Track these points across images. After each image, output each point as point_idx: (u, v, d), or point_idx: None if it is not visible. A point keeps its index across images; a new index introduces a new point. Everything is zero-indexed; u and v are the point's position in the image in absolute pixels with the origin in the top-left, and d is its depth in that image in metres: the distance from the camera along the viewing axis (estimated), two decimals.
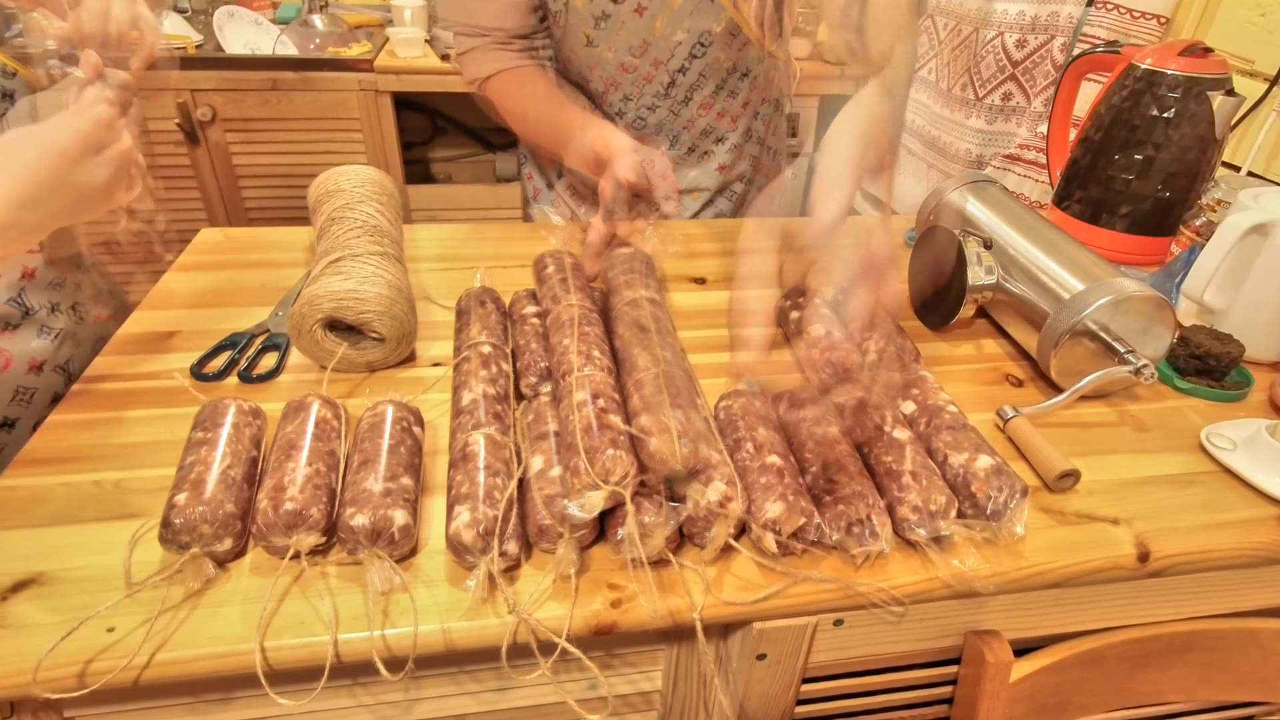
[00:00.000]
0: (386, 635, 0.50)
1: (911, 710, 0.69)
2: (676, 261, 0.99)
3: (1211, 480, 0.67)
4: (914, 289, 0.91)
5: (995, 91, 1.62)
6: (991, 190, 0.92)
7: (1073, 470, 0.63)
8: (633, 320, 0.68)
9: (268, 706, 0.56)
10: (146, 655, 0.48)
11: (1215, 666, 0.70)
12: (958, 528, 0.57)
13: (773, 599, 0.54)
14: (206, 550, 0.52)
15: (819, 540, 0.56)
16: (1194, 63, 0.93)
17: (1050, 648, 0.64)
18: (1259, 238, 0.77)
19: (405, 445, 0.60)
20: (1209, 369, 0.78)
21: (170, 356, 0.76)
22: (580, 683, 0.61)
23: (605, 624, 0.52)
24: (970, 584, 0.55)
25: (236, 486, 0.55)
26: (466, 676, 0.58)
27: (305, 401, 0.62)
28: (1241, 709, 0.78)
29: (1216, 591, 0.67)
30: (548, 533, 0.54)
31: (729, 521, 0.54)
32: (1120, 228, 0.99)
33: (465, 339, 0.72)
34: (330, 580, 0.53)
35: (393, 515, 0.53)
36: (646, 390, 0.59)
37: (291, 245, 1.00)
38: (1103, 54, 1.04)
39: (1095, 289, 0.72)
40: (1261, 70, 1.19)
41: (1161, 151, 0.95)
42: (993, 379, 0.80)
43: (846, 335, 0.70)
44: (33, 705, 0.52)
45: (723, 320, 0.88)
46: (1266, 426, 0.68)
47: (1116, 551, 0.59)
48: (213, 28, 2.02)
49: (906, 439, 0.62)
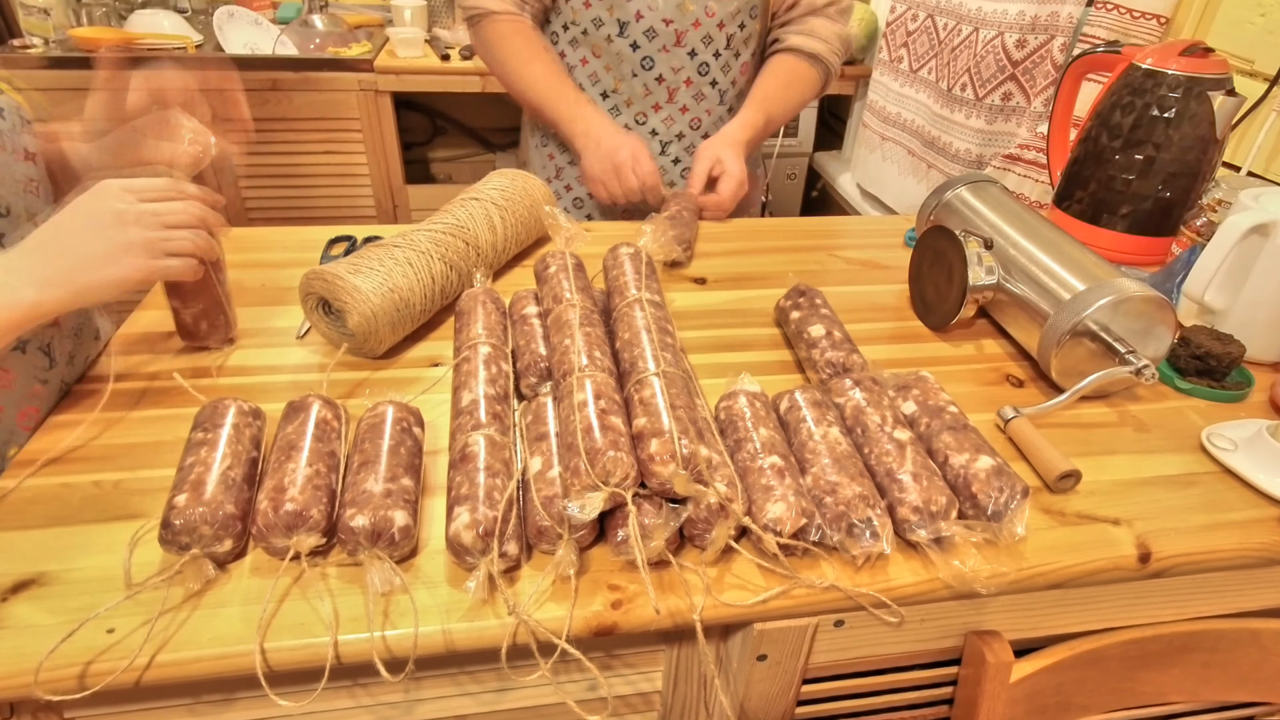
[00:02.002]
0: (387, 636, 0.50)
1: (912, 711, 0.69)
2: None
3: (1212, 481, 0.67)
4: (914, 289, 0.91)
5: (995, 91, 1.62)
6: (992, 190, 0.92)
7: (1073, 471, 0.63)
8: (633, 320, 0.68)
9: (268, 708, 0.56)
10: (147, 656, 0.48)
11: (1216, 667, 0.70)
12: (958, 528, 0.57)
13: (773, 600, 0.54)
14: (206, 551, 0.52)
15: (820, 541, 0.56)
16: (1194, 63, 0.92)
17: (1051, 648, 0.64)
18: (1259, 238, 0.77)
19: (405, 446, 0.60)
20: (1210, 369, 0.78)
21: (170, 357, 0.76)
22: (580, 683, 0.61)
23: (605, 625, 0.52)
24: (971, 585, 0.55)
25: (237, 487, 0.55)
26: (466, 677, 0.58)
27: (305, 402, 0.62)
28: (1242, 709, 0.78)
29: (1217, 592, 0.67)
30: (547, 534, 0.54)
31: (729, 523, 0.54)
32: (1121, 228, 0.99)
33: (465, 339, 0.71)
34: (330, 581, 0.53)
35: (393, 516, 0.53)
36: (647, 391, 0.59)
37: (292, 245, 1.00)
38: (1103, 54, 1.04)
39: (1096, 289, 0.72)
40: (1261, 70, 1.18)
41: (1162, 151, 0.94)
42: (993, 379, 0.80)
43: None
44: (33, 706, 0.52)
45: (723, 320, 0.88)
46: (1267, 427, 0.68)
47: (1117, 552, 0.59)
48: (213, 28, 2.02)
49: (907, 439, 0.62)
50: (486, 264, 0.88)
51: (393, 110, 2.08)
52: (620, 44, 1.09)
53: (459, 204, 0.90)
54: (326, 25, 2.16)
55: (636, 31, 1.08)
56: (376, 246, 0.79)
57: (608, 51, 1.10)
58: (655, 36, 1.08)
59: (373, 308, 0.73)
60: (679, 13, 1.07)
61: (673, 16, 1.07)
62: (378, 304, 0.73)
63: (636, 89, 1.13)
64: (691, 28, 1.08)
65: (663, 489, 0.54)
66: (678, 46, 1.09)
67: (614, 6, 1.07)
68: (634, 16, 1.07)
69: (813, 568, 0.56)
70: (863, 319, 0.88)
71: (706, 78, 1.14)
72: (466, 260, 0.84)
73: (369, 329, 0.73)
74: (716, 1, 1.08)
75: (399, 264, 0.77)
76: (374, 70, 2.01)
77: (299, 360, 0.77)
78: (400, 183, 2.19)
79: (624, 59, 1.10)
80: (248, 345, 0.79)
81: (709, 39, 1.10)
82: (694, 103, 1.15)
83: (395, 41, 2.06)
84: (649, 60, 1.10)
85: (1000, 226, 0.86)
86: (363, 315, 0.72)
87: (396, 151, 2.14)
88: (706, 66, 1.13)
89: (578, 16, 1.09)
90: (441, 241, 0.82)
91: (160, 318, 0.82)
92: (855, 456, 0.61)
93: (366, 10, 2.36)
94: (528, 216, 0.94)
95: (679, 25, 1.08)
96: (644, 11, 1.06)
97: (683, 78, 1.13)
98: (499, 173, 0.98)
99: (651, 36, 1.08)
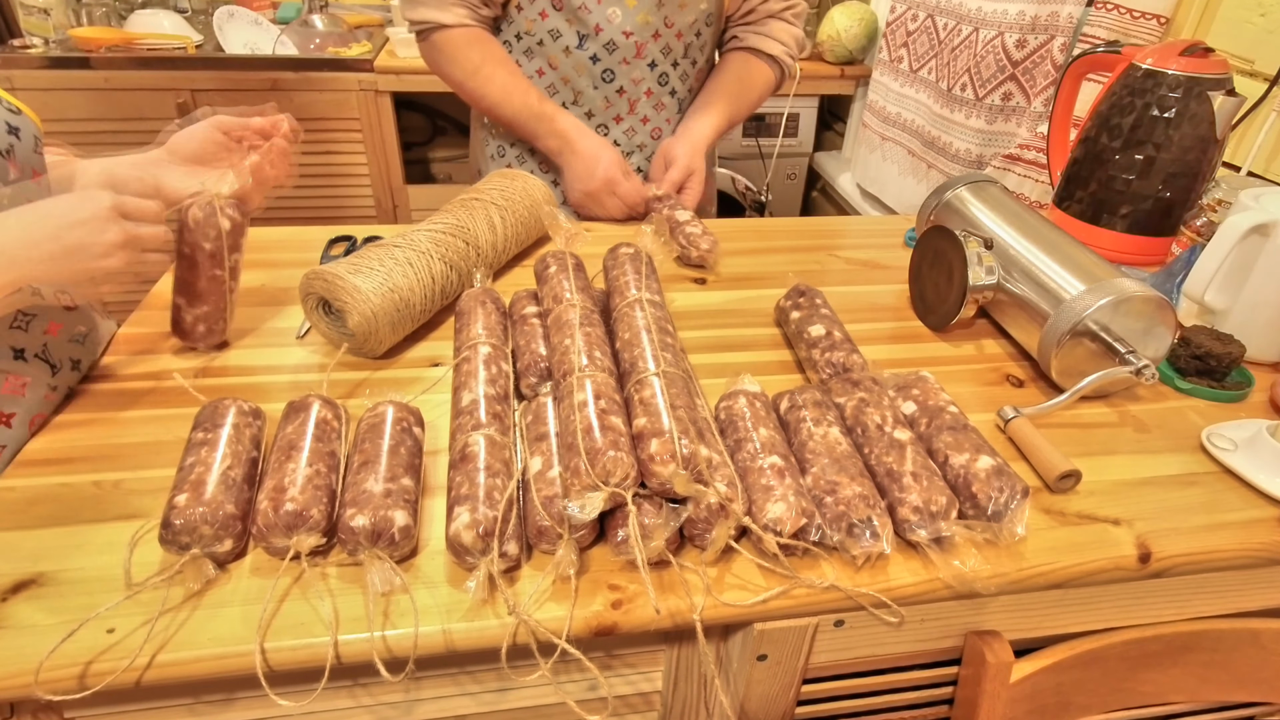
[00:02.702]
0: (387, 636, 0.50)
1: (912, 711, 0.69)
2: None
3: (1212, 481, 0.67)
4: (914, 289, 0.91)
5: (995, 91, 1.62)
6: (992, 190, 0.92)
7: (1073, 471, 0.63)
8: (633, 320, 0.68)
9: (268, 707, 0.56)
10: (147, 656, 0.48)
11: (1216, 667, 0.70)
12: (959, 528, 0.57)
13: (773, 600, 0.54)
14: (207, 551, 0.52)
15: (820, 541, 0.56)
16: (1194, 63, 0.92)
17: (1051, 648, 0.64)
18: (1260, 238, 0.77)
19: (405, 446, 0.60)
20: (1210, 369, 0.78)
21: (170, 357, 0.76)
22: (580, 683, 0.61)
23: (605, 625, 0.52)
24: (971, 585, 0.55)
25: (237, 487, 0.55)
26: (467, 677, 0.58)
27: (306, 402, 0.62)
28: (1242, 709, 0.78)
29: (1217, 592, 0.67)
30: (547, 534, 0.54)
31: (730, 523, 0.54)
32: (1121, 228, 0.99)
33: (465, 339, 0.71)
34: (330, 581, 0.53)
35: (393, 516, 0.53)
36: (647, 391, 0.59)
37: (292, 245, 1.00)
38: (1103, 54, 1.04)
39: (1096, 289, 0.72)
40: (1261, 70, 1.18)
41: (1162, 151, 0.94)
42: (993, 379, 0.80)
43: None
44: (33, 706, 0.52)
45: (723, 320, 0.88)
46: (1267, 427, 0.68)
47: (1117, 552, 0.59)
48: (213, 28, 2.01)
49: (907, 439, 0.62)
50: (486, 264, 0.88)
51: (393, 110, 2.08)
52: (579, 56, 1.07)
53: (459, 204, 0.90)
54: (326, 25, 2.16)
55: (596, 44, 1.06)
56: (376, 246, 0.79)
57: (565, 63, 1.08)
58: (615, 49, 1.07)
59: (373, 308, 0.73)
60: (639, 25, 1.05)
61: (632, 29, 1.05)
62: (378, 304, 0.73)
63: (597, 101, 1.11)
64: (651, 39, 1.07)
65: (663, 489, 0.54)
66: (638, 58, 1.08)
67: (572, 19, 1.04)
68: (593, 29, 1.05)
69: (813, 568, 0.56)
70: (863, 319, 0.88)
71: (666, 87, 1.14)
72: (466, 260, 0.84)
73: (369, 329, 0.73)
74: (675, 13, 1.07)
75: (399, 264, 0.77)
76: (374, 70, 2.01)
77: (299, 360, 0.77)
78: (400, 183, 2.18)
79: (583, 71, 1.09)
80: (248, 345, 0.79)
81: (668, 49, 1.10)
82: (654, 113, 1.16)
83: (395, 41, 2.06)
84: (609, 73, 1.09)
85: (1000, 226, 0.86)
86: (363, 315, 0.72)
87: (396, 151, 2.14)
88: (666, 76, 1.13)
89: (533, 28, 1.07)
90: (442, 241, 0.82)
91: (160, 318, 0.82)
92: (855, 456, 0.61)
93: (366, 10, 2.36)
94: (528, 216, 0.94)
95: (639, 37, 1.06)
96: (603, 25, 1.05)
97: (643, 89, 1.12)
98: (500, 173, 0.98)
99: (612, 49, 1.07)
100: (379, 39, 2.20)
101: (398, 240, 0.81)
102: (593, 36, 1.06)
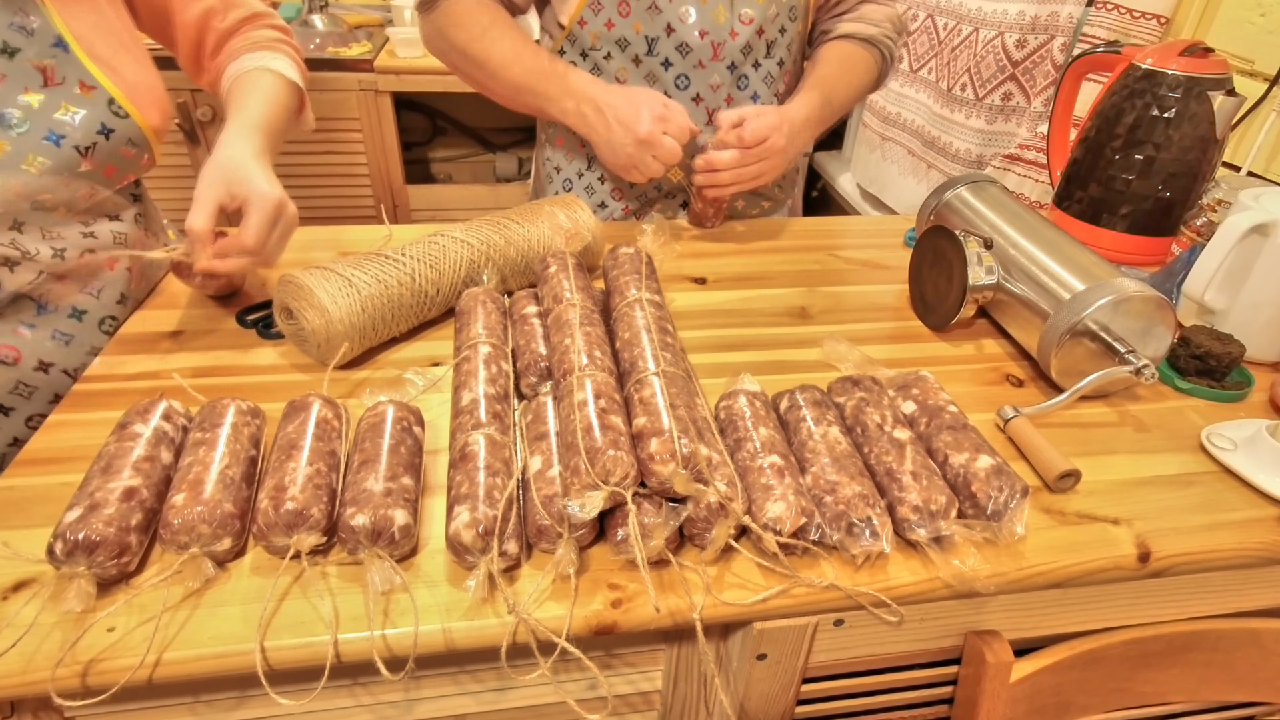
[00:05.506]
0: (387, 635, 0.50)
1: (912, 710, 0.69)
2: (677, 261, 0.99)
3: (1212, 480, 0.67)
4: (914, 289, 0.91)
5: (995, 91, 1.62)
6: (992, 190, 0.92)
7: (1073, 470, 0.63)
8: (633, 320, 0.68)
9: (268, 706, 0.56)
10: (147, 655, 0.48)
11: (1216, 666, 0.70)
12: (958, 528, 0.57)
13: (773, 599, 0.54)
14: (205, 550, 0.52)
15: (819, 540, 0.56)
16: (1194, 63, 0.92)
17: (1050, 648, 0.64)
18: (1259, 238, 0.77)
19: (405, 445, 0.60)
20: (1209, 369, 0.78)
21: (170, 356, 0.76)
22: (580, 683, 0.61)
23: (605, 624, 0.52)
24: (971, 584, 0.55)
25: (235, 486, 0.55)
26: (467, 676, 0.58)
27: (306, 401, 0.62)
28: (1242, 709, 0.78)
29: (1217, 592, 0.67)
30: (547, 533, 0.54)
31: (729, 522, 0.54)
32: (1121, 228, 0.99)
33: (465, 339, 0.71)
34: (330, 580, 0.53)
35: (393, 515, 0.53)
36: (647, 391, 0.59)
37: (292, 245, 1.00)
38: (1103, 54, 1.04)
39: (1096, 289, 0.72)
40: (1261, 70, 1.19)
41: (1162, 151, 0.95)
42: (993, 379, 0.80)
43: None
44: (33, 705, 0.52)
45: (723, 320, 0.88)
46: (1267, 427, 0.68)
47: (1117, 552, 0.59)
48: None
49: (907, 439, 0.62)
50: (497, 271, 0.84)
51: (393, 110, 2.08)
52: (650, 63, 0.98)
53: (487, 222, 0.84)
54: (326, 25, 2.17)
55: (668, 47, 0.97)
56: (358, 256, 0.78)
57: (634, 75, 0.99)
58: (689, 51, 0.97)
59: (328, 319, 0.71)
60: (714, 22, 0.96)
61: (708, 27, 0.96)
62: (335, 315, 0.72)
63: None
64: (729, 38, 0.98)
65: (663, 488, 0.54)
66: (715, 61, 0.99)
67: (641, 22, 0.95)
68: (664, 30, 0.96)
69: (812, 567, 0.56)
70: (863, 319, 0.88)
71: (746, 91, 1.03)
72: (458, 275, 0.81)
73: (324, 338, 0.72)
74: (752, 7, 0.98)
75: (370, 278, 0.75)
76: (374, 70, 2.01)
77: (299, 360, 0.77)
78: (400, 183, 2.19)
79: (656, 80, 0.99)
80: (248, 345, 0.79)
81: (748, 48, 1.00)
82: None
83: (395, 41, 2.06)
84: (684, 79, 0.99)
85: (1000, 226, 0.86)
86: (317, 325, 0.71)
87: (396, 151, 2.14)
88: (746, 79, 1.02)
89: (598, 41, 0.98)
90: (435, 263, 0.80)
91: (160, 317, 0.82)
92: (855, 456, 0.61)
93: (366, 10, 2.36)
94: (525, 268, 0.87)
95: (715, 36, 0.97)
96: (675, 24, 0.95)
97: (722, 95, 1.02)
98: (555, 200, 0.89)
99: (685, 52, 0.97)
100: (379, 39, 2.20)
101: (388, 251, 0.79)
102: (664, 38, 0.97)
